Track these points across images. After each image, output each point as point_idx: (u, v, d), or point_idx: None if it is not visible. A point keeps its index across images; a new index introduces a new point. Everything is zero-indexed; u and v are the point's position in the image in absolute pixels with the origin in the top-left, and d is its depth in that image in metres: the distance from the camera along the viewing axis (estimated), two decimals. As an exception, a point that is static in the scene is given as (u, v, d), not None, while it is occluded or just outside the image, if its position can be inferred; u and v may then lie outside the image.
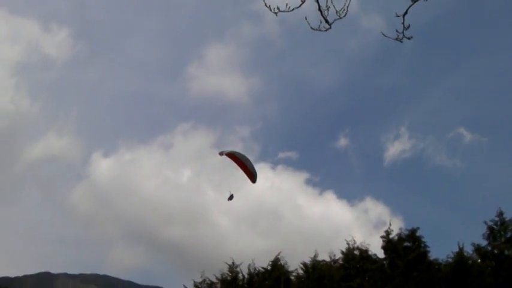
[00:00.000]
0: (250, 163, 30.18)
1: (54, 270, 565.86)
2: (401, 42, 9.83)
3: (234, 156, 29.85)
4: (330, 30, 9.95)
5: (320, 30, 9.92)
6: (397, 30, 9.70)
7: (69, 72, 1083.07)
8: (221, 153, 29.78)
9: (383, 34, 9.90)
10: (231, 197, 30.64)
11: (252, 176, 30.34)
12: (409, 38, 9.83)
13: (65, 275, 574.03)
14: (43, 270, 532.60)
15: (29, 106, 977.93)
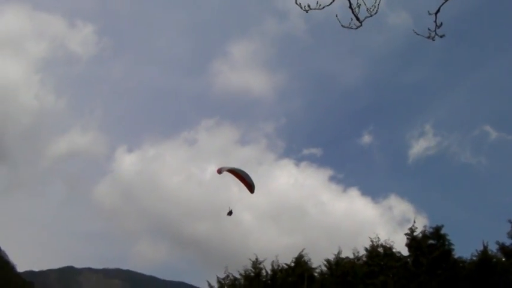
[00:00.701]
0: (248, 176, 32.24)
1: (78, 264, 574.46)
2: (433, 40, 10.00)
3: (234, 172, 32.05)
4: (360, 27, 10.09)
5: (351, 28, 10.12)
6: (429, 29, 9.92)
7: (94, 68, 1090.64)
8: (219, 171, 31.42)
9: (415, 32, 10.09)
10: (230, 213, 32.37)
11: (251, 188, 32.33)
12: (441, 36, 10.03)
13: (89, 269, 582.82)
14: (67, 265, 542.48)
15: (53, 102, 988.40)
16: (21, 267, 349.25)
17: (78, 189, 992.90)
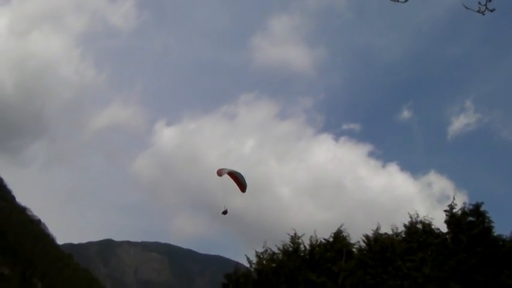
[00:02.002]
0: (243, 178, 36.25)
1: (117, 238, 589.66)
2: (483, 14, 9.99)
3: (232, 174, 35.81)
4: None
5: (398, 1, 10.40)
6: (479, 2, 9.99)
7: (134, 42, 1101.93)
8: (220, 174, 34.38)
9: (464, 6, 10.05)
10: (225, 212, 34.77)
11: (243, 188, 36.54)
12: (491, 11, 10.01)
13: (127, 242, 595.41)
14: (106, 238, 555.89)
15: (94, 76, 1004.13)
16: (60, 240, 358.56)
17: (117, 162, 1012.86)
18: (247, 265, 52.65)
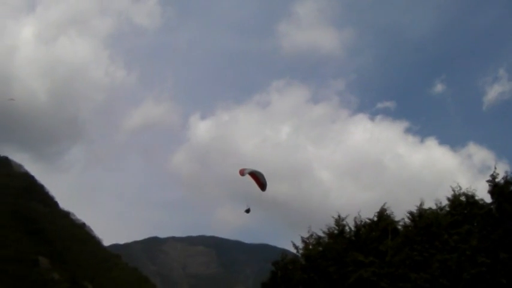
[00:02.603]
0: (263, 177, 37.78)
1: (162, 234, 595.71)
2: None
3: (253, 174, 37.58)
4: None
5: None
6: None
7: (161, 38, 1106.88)
8: (242, 173, 37.18)
9: None
10: (248, 210, 36.31)
11: (263, 187, 37.99)
12: None
13: (172, 238, 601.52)
14: (151, 236, 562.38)
15: (124, 76, 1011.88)
16: (106, 242, 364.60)
17: (155, 160, 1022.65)
18: (294, 251, 53.83)
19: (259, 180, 37.57)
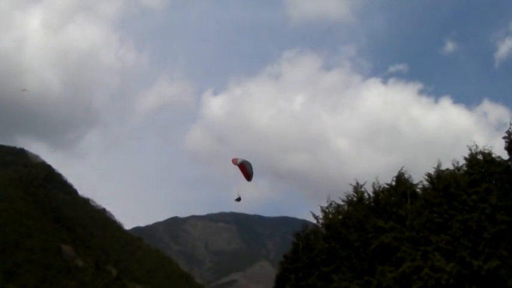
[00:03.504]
0: (251, 168, 39.06)
1: (182, 214, 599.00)
2: None
3: (241, 165, 38.69)
4: None
5: None
6: None
7: (170, 17, 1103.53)
8: (235, 162, 38.06)
9: None
10: (238, 199, 37.37)
11: (249, 177, 39.20)
12: None
13: (193, 217, 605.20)
14: (172, 216, 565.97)
15: (136, 59, 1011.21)
16: (128, 225, 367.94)
17: (172, 139, 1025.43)
18: (314, 221, 54.24)
19: (246, 170, 38.79)
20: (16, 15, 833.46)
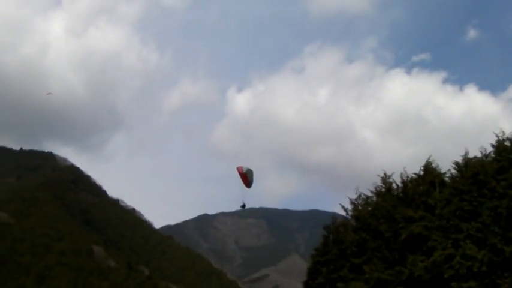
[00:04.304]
0: (252, 176, 41.39)
1: (211, 211, 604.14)
2: None
3: (244, 174, 40.82)
4: None
5: None
6: None
7: (191, 16, 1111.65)
8: (240, 170, 40.43)
9: None
10: (243, 206, 38.82)
11: (249, 184, 41.40)
12: None
13: (222, 214, 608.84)
14: (201, 213, 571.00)
15: (158, 59, 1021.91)
16: (158, 224, 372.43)
17: (197, 138, 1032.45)
18: (344, 214, 54.65)
19: (248, 179, 40.93)
20: (38, 20, 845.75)
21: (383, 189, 51.95)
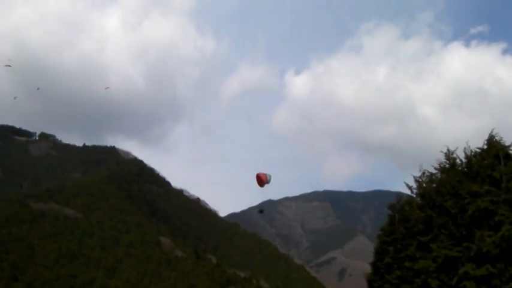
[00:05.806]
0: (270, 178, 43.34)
1: (275, 196, 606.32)
2: None
3: (262, 181, 42.62)
4: None
5: None
6: None
7: (245, 1, 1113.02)
8: (264, 179, 42.48)
9: None
10: (261, 211, 39.78)
11: (262, 185, 43.24)
12: None
13: (286, 198, 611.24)
14: (265, 199, 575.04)
15: (215, 47, 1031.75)
16: (223, 212, 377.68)
17: (259, 122, 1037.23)
18: (408, 192, 54.69)
19: (263, 183, 43.26)
20: (94, 16, 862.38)
21: (447, 165, 51.65)
